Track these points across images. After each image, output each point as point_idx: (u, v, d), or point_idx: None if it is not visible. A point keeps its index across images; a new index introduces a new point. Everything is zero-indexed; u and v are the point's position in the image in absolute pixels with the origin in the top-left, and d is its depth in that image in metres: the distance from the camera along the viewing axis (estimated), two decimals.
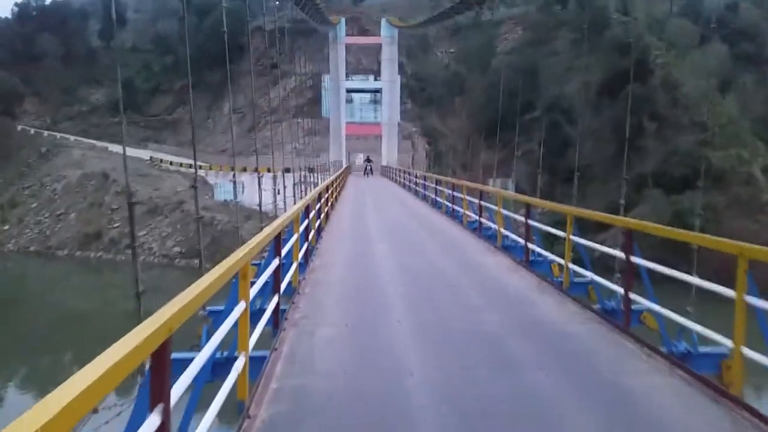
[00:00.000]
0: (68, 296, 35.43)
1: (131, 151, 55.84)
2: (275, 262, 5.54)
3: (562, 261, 7.85)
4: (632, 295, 5.84)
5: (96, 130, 62.86)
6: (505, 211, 10.92)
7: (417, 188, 25.11)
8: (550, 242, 10.93)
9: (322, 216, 12.54)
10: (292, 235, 7.26)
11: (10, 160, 52.09)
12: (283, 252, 6.03)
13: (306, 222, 8.51)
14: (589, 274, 7.26)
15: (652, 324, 6.28)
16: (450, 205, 16.41)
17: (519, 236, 10.20)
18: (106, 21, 78.50)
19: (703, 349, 5.53)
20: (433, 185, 20.52)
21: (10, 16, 73.48)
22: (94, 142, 57.89)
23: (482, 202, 12.94)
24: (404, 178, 31.90)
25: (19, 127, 58.57)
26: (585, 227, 9.88)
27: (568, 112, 41.41)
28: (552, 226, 9.46)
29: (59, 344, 25.45)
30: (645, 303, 5.75)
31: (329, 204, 15.33)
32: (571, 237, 7.60)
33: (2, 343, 25.51)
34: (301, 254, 7.74)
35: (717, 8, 59.37)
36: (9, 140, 52.85)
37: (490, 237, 11.86)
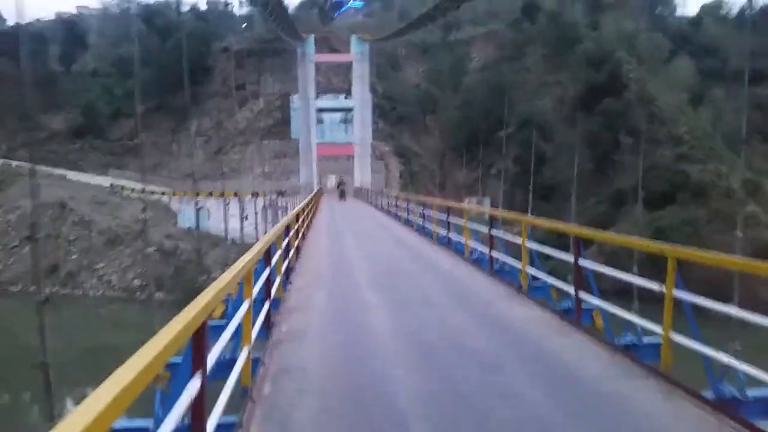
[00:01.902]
0: (21, 335, 33.00)
1: (91, 179, 53.63)
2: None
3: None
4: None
5: (54, 156, 60.15)
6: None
7: (399, 212, 22.93)
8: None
9: (291, 255, 10.22)
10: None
11: None
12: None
13: (266, 271, 6.21)
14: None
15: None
16: (444, 233, 14.13)
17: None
18: (66, 45, 76.41)
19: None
20: (419, 209, 18.20)
21: None
22: (51, 169, 55.29)
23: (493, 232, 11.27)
24: (382, 202, 30.37)
25: None
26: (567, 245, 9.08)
27: (543, 127, 40.70)
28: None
29: (13, 384, 24.35)
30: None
31: (299, 236, 13.33)
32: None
33: None
34: (258, 322, 5.45)
35: (681, 24, 59.98)
36: None
37: (504, 274, 10.28)
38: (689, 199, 33.73)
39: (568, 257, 7.03)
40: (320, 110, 51.20)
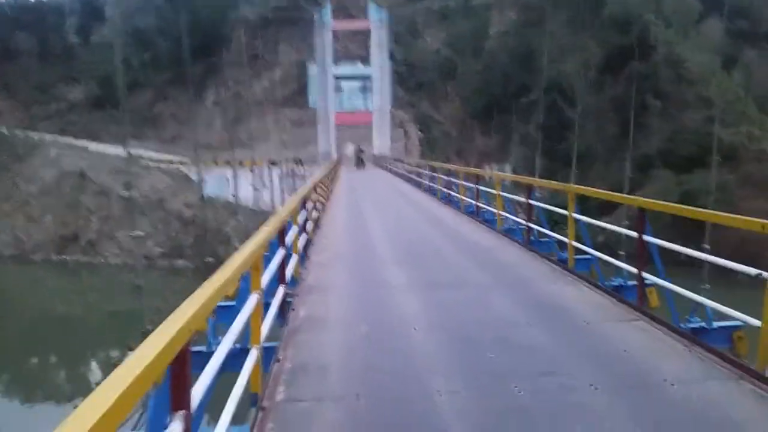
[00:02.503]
0: (47, 301, 33.49)
1: (110, 149, 53.70)
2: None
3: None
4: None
5: (74, 128, 60.38)
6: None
7: (420, 180, 22.40)
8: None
9: (310, 228, 9.84)
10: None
11: None
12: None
13: (280, 252, 5.68)
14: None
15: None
16: (471, 203, 13.70)
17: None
18: (84, 17, 76.14)
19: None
20: (443, 177, 17.50)
21: None
22: (72, 140, 55.49)
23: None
24: (402, 170, 29.76)
25: None
26: (586, 211, 8.85)
27: (567, 92, 39.57)
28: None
29: (42, 348, 24.99)
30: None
31: (318, 207, 12.63)
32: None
33: None
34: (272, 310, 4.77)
35: None
36: None
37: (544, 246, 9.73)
38: (719, 163, 32.63)
39: (619, 229, 7.28)
40: (338, 78, 50.38)
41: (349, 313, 5.72)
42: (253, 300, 3.69)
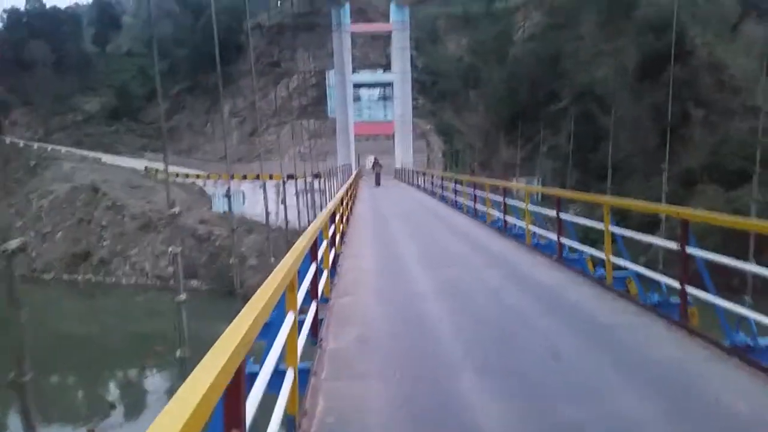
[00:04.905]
0: (62, 322, 32.33)
1: (126, 161, 52.61)
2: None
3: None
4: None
5: (89, 140, 59.56)
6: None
7: (445, 194, 21.19)
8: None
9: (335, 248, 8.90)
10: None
11: None
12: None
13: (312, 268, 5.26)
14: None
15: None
16: (499, 216, 13.14)
17: None
18: (100, 26, 75.61)
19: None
20: (469, 190, 16.88)
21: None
22: (86, 152, 54.57)
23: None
24: (425, 183, 27.74)
25: (8, 140, 55.32)
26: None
27: (601, 100, 37.42)
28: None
29: (60, 367, 25.22)
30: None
31: (341, 227, 11.21)
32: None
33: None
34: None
35: None
36: None
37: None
38: None
39: (660, 241, 7.01)
40: (357, 86, 48.69)
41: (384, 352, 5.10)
42: (289, 319, 3.61)
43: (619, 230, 7.65)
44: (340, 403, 3.98)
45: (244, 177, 39.04)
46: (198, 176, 46.25)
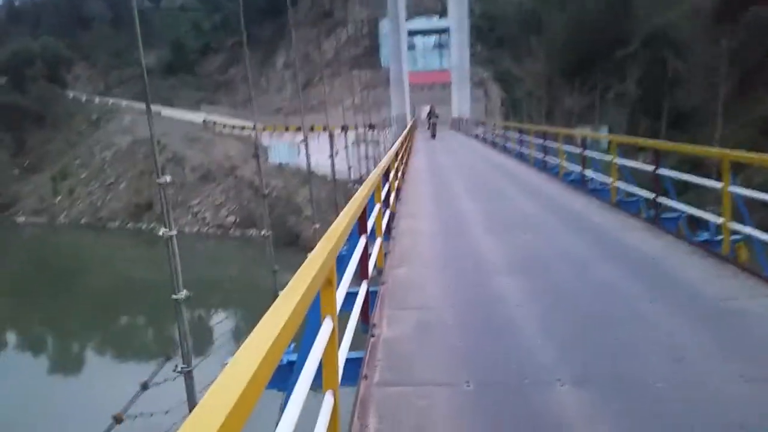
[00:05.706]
0: (131, 268, 33.67)
1: (184, 115, 53.28)
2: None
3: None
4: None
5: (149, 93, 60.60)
6: None
7: (508, 145, 20.03)
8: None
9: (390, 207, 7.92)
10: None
11: (61, 129, 50.33)
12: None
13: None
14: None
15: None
16: (577, 171, 11.71)
17: None
18: None
19: None
20: (538, 140, 15.57)
21: None
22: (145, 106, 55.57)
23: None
24: (486, 134, 26.57)
25: (71, 95, 56.81)
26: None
27: (673, 44, 35.13)
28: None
29: (130, 311, 27.42)
30: None
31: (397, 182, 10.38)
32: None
33: (78, 309, 27.81)
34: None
35: None
36: (58, 108, 51.01)
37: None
38: None
39: None
40: (412, 34, 47.25)
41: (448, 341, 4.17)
42: (326, 329, 2.62)
43: (740, 190, 6.60)
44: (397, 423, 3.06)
45: (298, 129, 38.85)
46: (254, 128, 46.49)
